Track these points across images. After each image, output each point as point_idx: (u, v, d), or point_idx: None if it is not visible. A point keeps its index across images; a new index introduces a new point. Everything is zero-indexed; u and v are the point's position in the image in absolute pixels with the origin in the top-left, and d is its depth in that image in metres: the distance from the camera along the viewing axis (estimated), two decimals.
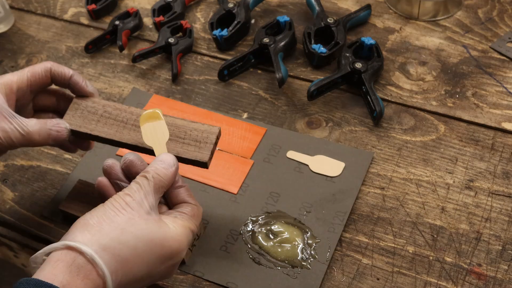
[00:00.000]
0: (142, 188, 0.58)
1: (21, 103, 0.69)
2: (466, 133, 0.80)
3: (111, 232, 0.54)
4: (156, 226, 0.56)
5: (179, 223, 0.59)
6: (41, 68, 0.69)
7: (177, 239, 0.57)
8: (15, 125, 0.64)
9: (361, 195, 0.75)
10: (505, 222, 0.71)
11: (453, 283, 0.67)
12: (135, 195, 0.57)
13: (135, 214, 0.56)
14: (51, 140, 0.67)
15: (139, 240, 0.55)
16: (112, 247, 0.53)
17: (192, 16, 1.01)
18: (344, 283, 0.68)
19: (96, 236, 0.53)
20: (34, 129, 0.65)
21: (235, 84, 0.90)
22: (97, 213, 0.56)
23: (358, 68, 0.84)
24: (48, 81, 0.70)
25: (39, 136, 0.66)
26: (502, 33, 0.91)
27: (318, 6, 0.94)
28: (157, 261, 0.56)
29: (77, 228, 0.54)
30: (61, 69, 0.69)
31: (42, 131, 0.66)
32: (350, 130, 0.82)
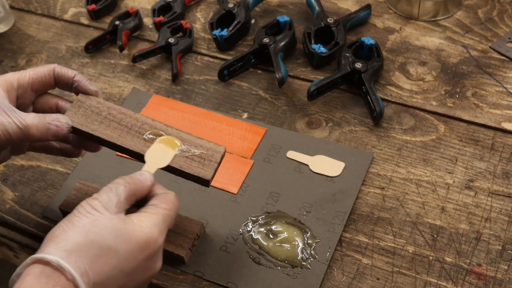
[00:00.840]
0: (112, 191, 0.58)
1: (21, 102, 0.68)
2: (466, 133, 0.80)
3: (75, 236, 0.54)
4: (120, 222, 0.56)
5: (144, 215, 0.58)
6: (45, 68, 0.68)
7: (144, 231, 0.56)
8: (13, 119, 0.63)
9: (361, 195, 0.75)
10: (505, 222, 0.71)
11: (453, 283, 0.67)
12: (102, 197, 0.57)
13: (99, 215, 0.56)
14: (50, 135, 0.65)
15: (104, 238, 0.55)
16: (77, 250, 0.53)
17: (192, 16, 1.01)
18: (344, 283, 0.68)
19: (61, 243, 0.53)
20: (33, 122, 0.63)
21: (235, 84, 0.90)
22: (62, 222, 0.56)
23: (358, 68, 0.84)
24: (51, 82, 0.69)
25: (37, 130, 0.64)
26: (502, 33, 0.91)
27: (318, 6, 0.94)
28: (128, 256, 0.55)
29: (45, 242, 0.55)
30: (65, 70, 0.69)
31: (41, 125, 0.64)
32: (350, 130, 0.82)
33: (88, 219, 0.55)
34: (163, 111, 0.86)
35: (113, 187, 0.59)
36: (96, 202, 0.57)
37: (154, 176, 0.63)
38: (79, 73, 0.69)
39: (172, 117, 0.85)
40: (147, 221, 0.57)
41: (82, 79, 0.69)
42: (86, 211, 0.56)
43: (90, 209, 0.56)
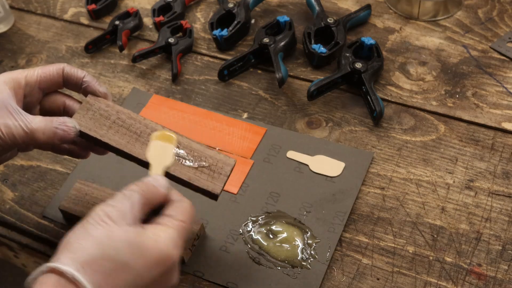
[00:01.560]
0: (128, 200, 0.56)
1: (28, 101, 0.66)
2: (466, 133, 0.80)
3: (90, 248, 0.53)
4: (135, 236, 0.54)
5: (160, 229, 0.56)
6: (54, 67, 0.67)
7: (159, 246, 0.55)
8: (19, 122, 0.62)
9: (361, 195, 0.75)
10: (505, 222, 0.71)
11: (453, 283, 0.67)
12: (118, 205, 0.55)
13: (114, 226, 0.54)
14: (56, 140, 0.63)
15: (119, 252, 0.53)
16: (92, 263, 0.52)
17: (192, 16, 1.01)
18: (344, 283, 0.68)
19: (76, 254, 0.52)
20: (39, 126, 0.62)
21: (235, 84, 0.90)
22: (77, 229, 0.54)
23: (358, 68, 0.84)
24: (59, 81, 0.67)
25: (44, 135, 0.62)
26: (502, 33, 0.91)
27: (318, 6, 0.94)
28: (142, 271, 0.54)
29: (60, 249, 0.54)
30: (74, 70, 0.67)
31: (47, 129, 0.62)
32: (350, 130, 0.82)
33: (104, 230, 0.54)
34: (163, 111, 0.86)
35: (128, 194, 0.57)
36: (111, 210, 0.55)
37: None
38: (88, 74, 0.68)
39: (172, 117, 0.85)
40: (162, 235, 0.55)
41: (92, 80, 0.67)
42: (101, 219, 0.54)
43: (105, 218, 0.54)
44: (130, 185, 0.58)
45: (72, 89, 0.68)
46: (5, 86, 0.63)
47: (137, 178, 0.78)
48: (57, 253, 0.53)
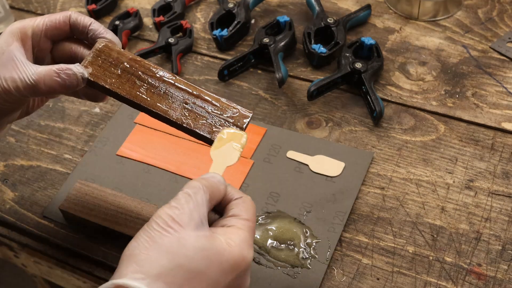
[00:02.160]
0: (193, 199, 0.52)
1: (38, 50, 0.64)
2: (466, 133, 0.80)
3: (161, 259, 0.48)
4: (207, 241, 0.51)
5: (230, 231, 0.53)
6: (60, 14, 0.64)
7: (233, 250, 0.51)
8: (24, 74, 0.59)
9: (361, 195, 0.75)
10: (505, 222, 0.71)
11: (453, 283, 0.67)
12: (183, 207, 0.51)
13: (183, 231, 0.50)
14: (60, 88, 0.60)
15: (192, 260, 0.49)
16: (164, 275, 0.48)
17: (192, 16, 1.01)
18: (344, 283, 0.68)
19: (145, 267, 0.48)
20: (40, 75, 0.59)
21: (235, 84, 0.90)
22: (142, 237, 0.50)
23: (358, 68, 0.84)
24: (66, 29, 0.64)
25: (45, 85, 0.60)
26: (502, 33, 0.91)
27: (318, 6, 0.94)
28: (218, 278, 0.50)
29: (124, 261, 0.49)
30: (81, 17, 0.64)
31: (48, 78, 0.59)
32: (350, 130, 0.82)
33: (172, 237, 0.49)
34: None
35: (192, 192, 0.53)
36: (177, 213, 0.51)
37: None
38: (96, 21, 0.64)
39: None
40: (235, 238, 0.52)
41: (99, 27, 0.64)
42: (166, 224, 0.50)
43: (172, 222, 0.50)
44: (191, 182, 0.54)
45: (80, 37, 0.66)
46: (12, 37, 0.61)
47: (138, 178, 0.79)
48: (121, 267, 0.49)
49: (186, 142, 0.82)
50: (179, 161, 0.80)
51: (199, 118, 0.61)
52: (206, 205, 0.53)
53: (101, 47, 0.63)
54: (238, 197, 0.56)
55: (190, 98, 0.62)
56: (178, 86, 0.62)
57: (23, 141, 0.86)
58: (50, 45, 0.65)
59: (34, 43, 0.63)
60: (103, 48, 0.63)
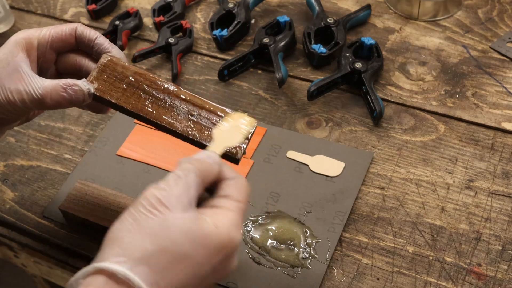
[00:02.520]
0: (182, 181, 0.51)
1: (43, 61, 0.64)
2: (466, 133, 0.80)
3: (144, 242, 0.48)
4: (194, 223, 0.49)
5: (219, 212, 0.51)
6: (67, 26, 0.64)
7: (220, 232, 0.50)
8: (30, 87, 0.60)
9: (361, 195, 0.75)
10: (505, 222, 0.71)
11: (453, 283, 0.67)
12: (171, 188, 0.50)
13: (169, 214, 0.49)
14: (66, 103, 0.61)
15: (177, 243, 0.48)
16: (147, 258, 0.47)
17: (192, 16, 1.01)
18: (344, 283, 0.68)
19: (128, 250, 0.47)
20: (46, 90, 0.60)
21: (235, 84, 0.90)
22: (126, 220, 0.49)
23: (358, 68, 0.84)
24: (72, 41, 0.65)
25: (51, 100, 0.60)
26: (502, 33, 0.91)
27: (318, 6, 0.94)
28: (203, 260, 0.49)
29: (107, 244, 0.48)
30: (87, 31, 0.64)
31: (54, 93, 0.60)
32: (350, 130, 0.82)
33: (158, 220, 0.48)
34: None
35: (182, 174, 0.51)
36: (164, 194, 0.50)
37: None
38: (101, 36, 0.65)
39: None
40: (223, 220, 0.51)
41: (104, 42, 0.65)
42: (152, 206, 0.49)
43: (158, 204, 0.49)
44: (182, 162, 0.53)
45: (85, 50, 0.66)
46: (18, 48, 0.62)
47: (138, 178, 0.79)
48: (104, 250, 0.48)
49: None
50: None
51: (205, 129, 0.61)
52: (196, 188, 0.51)
53: (106, 62, 0.63)
54: (231, 177, 0.54)
55: (195, 109, 0.62)
56: (183, 98, 0.63)
57: (23, 141, 0.86)
58: (55, 57, 0.66)
59: (39, 54, 0.64)
60: (108, 63, 0.63)
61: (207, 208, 0.52)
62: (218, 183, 0.54)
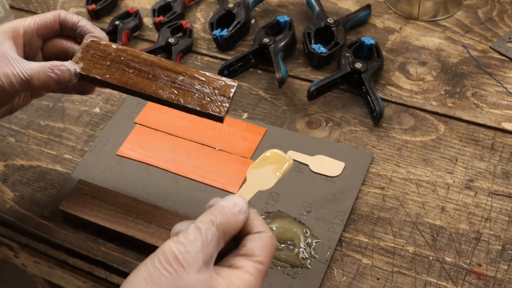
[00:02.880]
0: (202, 236, 0.49)
1: (29, 49, 0.67)
2: (466, 133, 0.80)
3: None
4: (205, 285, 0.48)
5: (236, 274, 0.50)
6: (51, 13, 0.67)
7: None
8: (17, 70, 0.62)
9: (361, 195, 0.75)
10: (505, 222, 0.71)
11: (453, 283, 0.67)
12: (190, 245, 0.49)
13: (183, 273, 0.48)
14: (53, 83, 0.63)
15: None
16: None
17: (192, 16, 1.01)
18: (344, 283, 0.68)
19: None
20: (34, 71, 0.62)
21: None
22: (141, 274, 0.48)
23: (358, 68, 0.84)
24: (56, 27, 0.67)
25: (39, 80, 0.63)
26: (502, 33, 0.91)
27: (318, 6, 0.94)
28: None
29: None
30: (70, 15, 0.67)
31: (42, 73, 0.63)
32: (350, 130, 0.82)
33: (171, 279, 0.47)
34: (163, 111, 0.86)
35: (203, 228, 0.50)
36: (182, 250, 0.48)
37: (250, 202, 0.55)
38: (84, 19, 0.68)
39: (172, 117, 0.85)
40: (237, 283, 0.49)
41: (86, 24, 0.67)
42: (168, 262, 0.48)
43: (174, 261, 0.48)
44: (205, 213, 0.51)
45: (69, 34, 0.69)
46: (5, 36, 0.64)
47: (138, 178, 0.79)
48: None
49: (187, 142, 0.82)
50: (179, 161, 0.80)
51: (188, 94, 0.64)
52: (216, 243, 0.50)
53: (89, 42, 0.66)
54: (257, 231, 0.52)
55: (178, 76, 0.65)
56: (165, 67, 0.65)
57: (23, 141, 0.86)
58: (40, 43, 0.68)
59: (26, 41, 0.66)
60: (91, 43, 0.66)
61: (224, 267, 0.51)
62: (243, 235, 0.53)
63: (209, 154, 0.81)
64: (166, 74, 0.65)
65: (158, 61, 0.65)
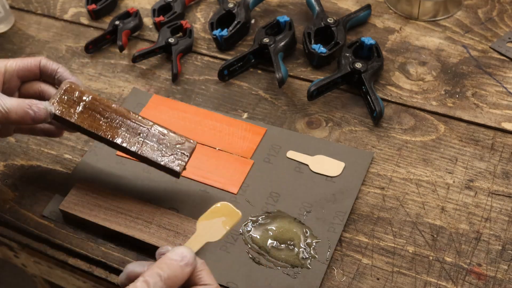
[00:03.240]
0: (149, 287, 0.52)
1: (7, 87, 0.71)
2: (466, 133, 0.80)
3: None
4: None
5: None
6: (32, 59, 0.72)
7: None
8: None
9: (361, 195, 0.75)
10: (505, 222, 0.71)
11: (453, 283, 0.67)
12: None
13: None
14: (29, 119, 0.67)
15: None
16: None
17: (192, 16, 1.01)
18: (344, 283, 0.68)
19: None
20: (12, 106, 0.66)
21: (235, 84, 0.90)
22: None
23: (358, 68, 0.84)
24: (37, 72, 0.72)
25: (16, 114, 0.66)
26: (502, 33, 0.91)
27: (318, 6, 0.94)
28: None
29: None
30: (50, 63, 0.72)
31: (20, 108, 0.66)
32: (350, 130, 0.82)
33: None
34: (163, 111, 0.86)
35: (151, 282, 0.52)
36: None
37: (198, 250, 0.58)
38: (63, 66, 0.73)
39: (172, 117, 0.85)
40: None
41: (64, 71, 0.73)
42: None
43: None
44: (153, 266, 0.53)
45: (48, 80, 0.74)
46: None
47: (137, 179, 0.79)
48: None
49: None
50: None
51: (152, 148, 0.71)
52: None
53: (66, 88, 0.71)
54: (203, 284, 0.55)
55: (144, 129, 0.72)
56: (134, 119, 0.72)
57: (23, 141, 0.86)
58: (19, 83, 0.73)
59: (5, 79, 0.71)
60: (68, 88, 0.71)
61: None
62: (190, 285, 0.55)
63: (209, 154, 0.81)
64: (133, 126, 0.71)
65: (127, 113, 0.72)
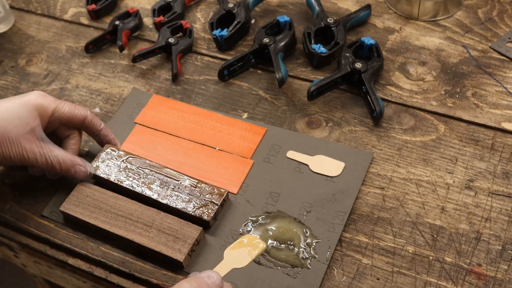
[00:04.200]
0: None
1: (48, 126, 0.74)
2: (466, 133, 0.80)
3: None
4: None
5: None
6: (80, 112, 0.75)
7: None
8: (44, 151, 0.71)
9: (361, 195, 0.75)
10: (505, 222, 0.71)
11: (453, 283, 0.67)
12: None
13: None
14: (69, 175, 0.74)
15: None
16: None
17: (192, 16, 1.01)
18: (344, 283, 0.68)
19: None
20: (58, 160, 0.72)
21: (235, 84, 0.90)
22: None
23: (358, 68, 0.84)
24: (79, 123, 0.76)
25: (61, 170, 0.73)
26: (502, 33, 0.91)
27: (318, 6, 0.94)
28: None
29: None
30: (95, 121, 0.76)
31: (65, 165, 0.72)
32: (350, 130, 0.82)
33: None
34: (163, 111, 0.86)
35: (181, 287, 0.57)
36: None
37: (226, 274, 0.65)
38: (106, 127, 0.78)
39: (172, 117, 0.85)
40: None
41: (108, 134, 0.78)
42: None
43: None
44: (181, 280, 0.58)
45: (89, 134, 0.78)
46: (35, 112, 0.71)
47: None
48: None
49: (186, 142, 0.82)
50: (179, 161, 0.80)
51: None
52: None
53: (107, 151, 0.77)
54: None
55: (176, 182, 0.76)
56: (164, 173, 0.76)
57: None
58: (58, 125, 0.76)
59: (50, 120, 0.74)
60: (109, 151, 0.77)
61: None
62: None
63: (209, 154, 0.81)
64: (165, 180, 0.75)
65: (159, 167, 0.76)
